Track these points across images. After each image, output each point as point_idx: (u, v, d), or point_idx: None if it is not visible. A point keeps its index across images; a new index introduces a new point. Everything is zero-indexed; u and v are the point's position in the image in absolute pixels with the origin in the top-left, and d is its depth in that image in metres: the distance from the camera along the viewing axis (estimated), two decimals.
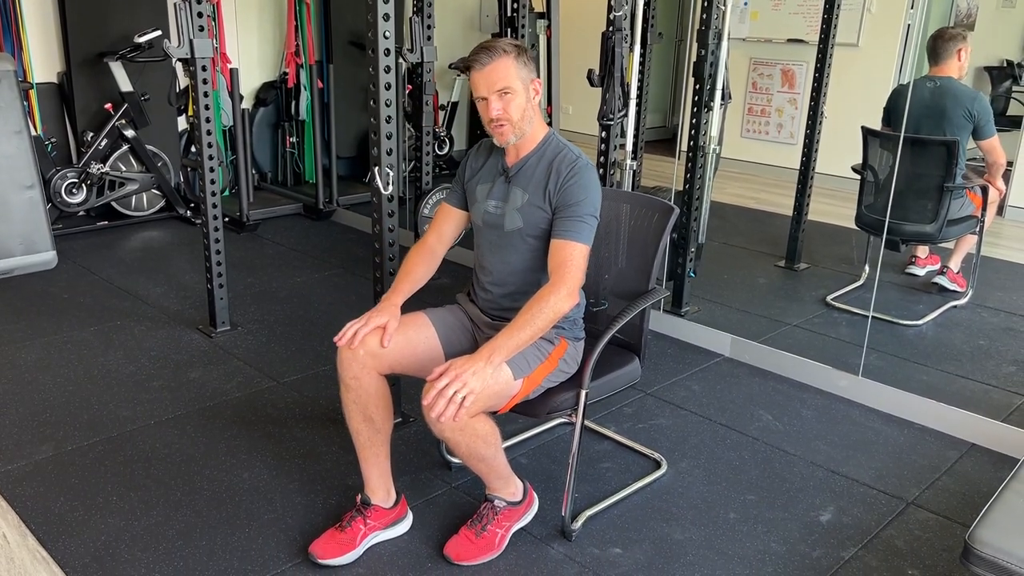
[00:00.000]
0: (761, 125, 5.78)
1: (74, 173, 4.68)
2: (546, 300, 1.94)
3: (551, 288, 1.96)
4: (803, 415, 2.95)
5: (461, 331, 2.24)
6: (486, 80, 2.01)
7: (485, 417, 1.98)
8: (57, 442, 2.64)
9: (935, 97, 3.59)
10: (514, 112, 2.03)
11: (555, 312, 1.94)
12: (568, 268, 1.98)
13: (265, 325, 3.59)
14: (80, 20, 4.72)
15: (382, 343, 2.06)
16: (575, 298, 1.99)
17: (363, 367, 2.06)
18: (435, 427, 1.89)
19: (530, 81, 2.06)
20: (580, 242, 2.01)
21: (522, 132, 2.08)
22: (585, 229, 2.02)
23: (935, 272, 4.06)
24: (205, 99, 3.28)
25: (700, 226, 3.69)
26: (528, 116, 2.07)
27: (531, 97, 2.07)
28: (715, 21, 3.37)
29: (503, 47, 2.01)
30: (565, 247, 2.00)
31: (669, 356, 3.40)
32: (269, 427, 2.77)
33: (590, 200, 2.04)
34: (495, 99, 2.02)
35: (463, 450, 1.98)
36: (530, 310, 1.93)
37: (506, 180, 2.14)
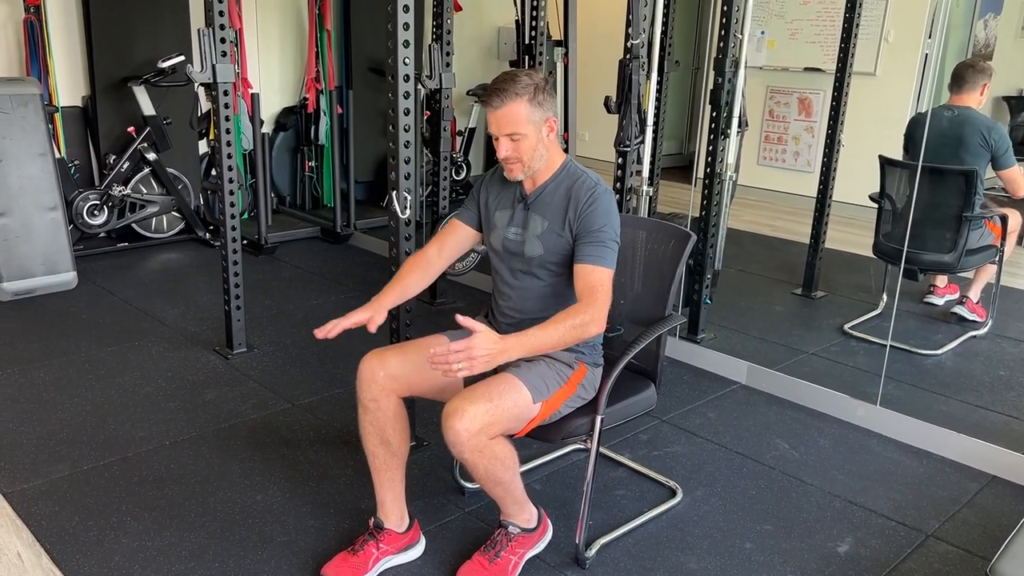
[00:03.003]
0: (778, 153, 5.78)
1: (96, 195, 4.74)
2: (577, 316, 1.92)
3: (583, 309, 1.95)
4: (820, 444, 2.92)
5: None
6: (497, 122, 2.02)
7: (504, 440, 1.97)
8: (73, 461, 2.65)
9: (953, 125, 3.58)
10: (524, 153, 2.04)
11: (583, 332, 1.93)
12: (598, 293, 1.97)
13: (281, 347, 3.61)
14: (105, 46, 4.81)
15: (369, 329, 2.09)
16: (603, 324, 1.97)
17: (382, 389, 2.06)
18: (454, 448, 1.89)
19: (544, 121, 2.04)
20: (606, 267, 2.01)
21: (532, 169, 2.08)
22: (609, 254, 2.02)
23: (954, 302, 4.03)
24: (226, 123, 3.32)
25: (716, 253, 3.68)
26: (539, 154, 2.06)
27: (544, 136, 2.06)
28: (732, 49, 3.39)
29: (517, 89, 1.99)
30: (593, 272, 2.00)
31: (685, 383, 3.38)
32: (283, 449, 2.77)
33: (611, 225, 2.04)
34: (505, 140, 2.03)
35: (480, 472, 1.97)
36: (560, 321, 1.91)
37: (525, 207, 2.14)
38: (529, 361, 2.08)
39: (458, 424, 1.86)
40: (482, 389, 1.94)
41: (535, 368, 2.05)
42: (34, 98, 4.16)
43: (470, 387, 1.97)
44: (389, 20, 2.46)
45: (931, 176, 3.59)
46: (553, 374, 2.05)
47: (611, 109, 3.19)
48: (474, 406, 1.88)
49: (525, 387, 1.97)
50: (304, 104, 5.72)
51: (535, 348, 1.90)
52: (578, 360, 2.12)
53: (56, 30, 4.76)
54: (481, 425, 1.88)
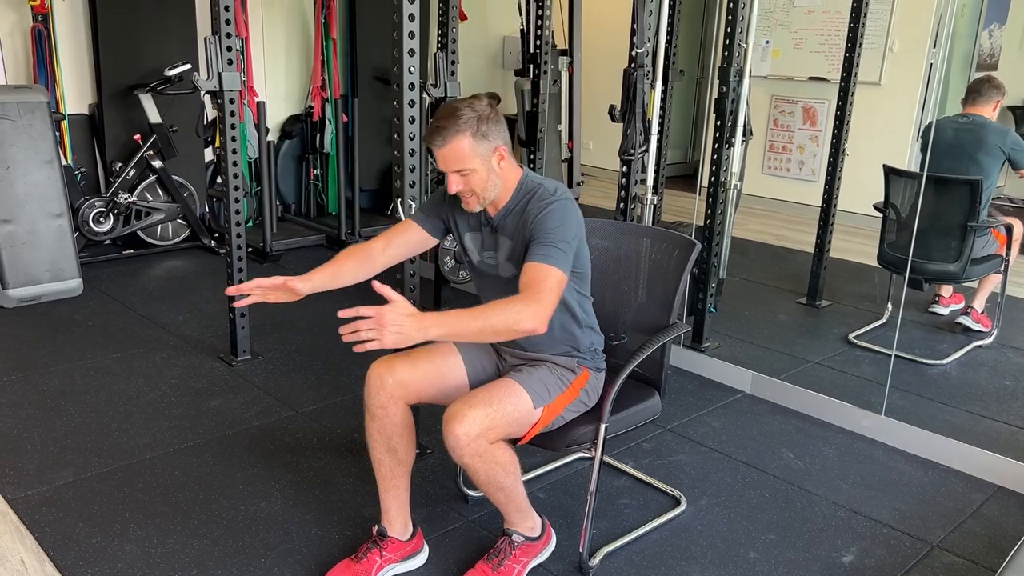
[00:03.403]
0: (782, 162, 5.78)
1: (102, 202, 4.76)
2: (512, 307, 1.81)
3: (521, 299, 1.83)
4: (825, 454, 2.91)
5: (486, 357, 2.22)
6: (443, 160, 1.96)
7: (505, 445, 1.97)
8: (77, 468, 2.65)
9: (970, 130, 3.65)
10: (476, 186, 1.98)
11: (515, 324, 1.80)
12: (540, 289, 1.84)
13: (285, 354, 3.61)
14: (112, 54, 4.84)
15: (280, 294, 2.07)
16: (542, 324, 1.83)
17: (391, 397, 2.05)
18: (454, 453, 1.89)
19: (492, 152, 1.96)
20: (554, 266, 1.88)
21: (487, 199, 2.02)
22: (557, 254, 1.90)
23: (959, 311, 4.02)
24: (232, 131, 3.34)
25: (721, 262, 3.68)
26: (493, 184, 2.00)
27: (495, 166, 1.98)
28: (736, 59, 3.39)
29: (457, 126, 1.92)
30: (537, 268, 1.88)
31: (689, 392, 3.37)
32: (287, 456, 2.77)
33: (564, 228, 1.93)
34: (454, 177, 1.97)
35: (481, 478, 1.96)
36: (489, 309, 1.81)
37: (492, 231, 2.09)
38: (531, 366, 2.08)
39: (458, 428, 1.86)
40: (482, 394, 1.94)
41: (536, 373, 2.05)
42: (41, 106, 4.19)
43: (471, 392, 1.97)
44: (394, 29, 2.47)
45: (936, 185, 3.59)
46: (555, 379, 2.05)
47: (615, 118, 3.19)
48: (474, 410, 1.88)
49: (526, 392, 1.97)
50: (309, 112, 5.74)
51: (456, 332, 1.80)
52: (580, 365, 2.12)
53: (63, 38, 4.79)
54: (481, 429, 1.88)
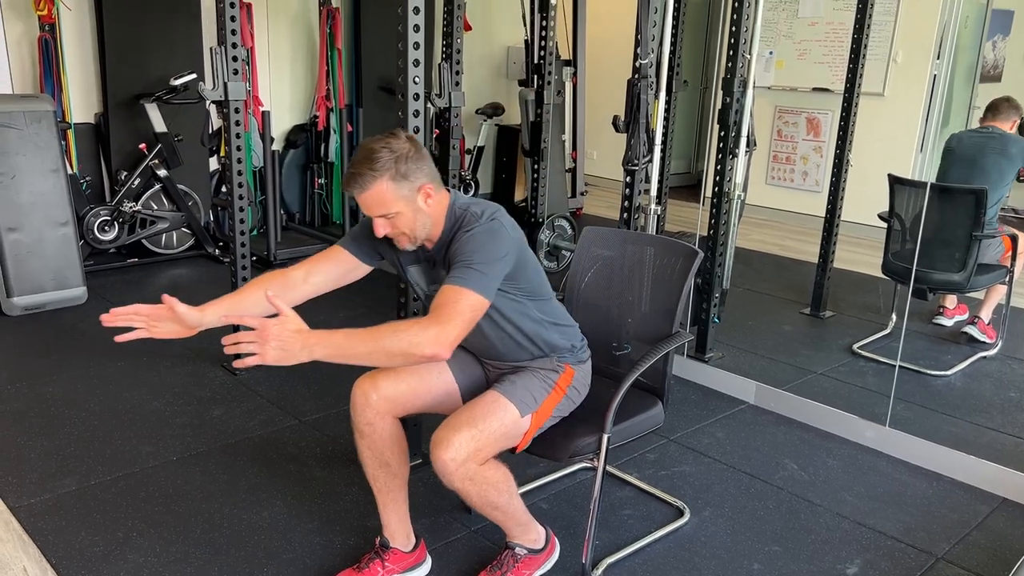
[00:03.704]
0: (786, 172, 5.79)
1: (107, 211, 4.78)
2: (410, 331, 1.70)
3: (421, 323, 1.73)
4: (829, 465, 2.90)
5: (474, 363, 2.20)
6: (364, 206, 1.88)
7: (495, 464, 1.94)
8: (80, 476, 2.65)
9: (990, 139, 3.70)
10: (404, 227, 1.90)
11: (411, 348, 1.69)
12: (448, 312, 1.73)
13: None
14: (118, 63, 4.86)
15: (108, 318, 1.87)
16: (445, 350, 1.71)
17: (377, 413, 2.02)
18: (444, 479, 1.86)
19: (416, 191, 1.88)
20: (467, 288, 1.77)
21: (420, 238, 1.94)
22: (475, 276, 1.78)
23: (964, 322, 4.02)
24: (237, 140, 3.35)
25: (725, 272, 3.68)
26: (422, 223, 1.91)
27: (422, 205, 1.89)
28: (740, 70, 3.40)
29: (374, 170, 1.82)
30: (449, 291, 1.77)
31: (693, 402, 3.37)
32: (290, 465, 2.77)
33: (486, 250, 1.83)
34: (380, 221, 1.89)
35: (475, 500, 1.94)
36: (387, 330, 1.71)
37: (432, 265, 2.04)
38: (513, 373, 2.06)
39: (444, 455, 1.83)
40: (466, 415, 1.90)
41: (520, 380, 2.02)
42: (47, 115, 4.21)
43: (455, 413, 1.93)
44: (399, 39, 2.48)
45: (940, 195, 3.60)
46: (539, 383, 2.02)
47: (619, 128, 3.20)
48: (459, 435, 1.85)
49: (511, 403, 1.94)
50: (314, 122, 5.76)
51: (344, 354, 1.70)
52: (562, 362, 2.10)
53: (70, 48, 4.81)
54: (468, 453, 1.84)
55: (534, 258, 2.04)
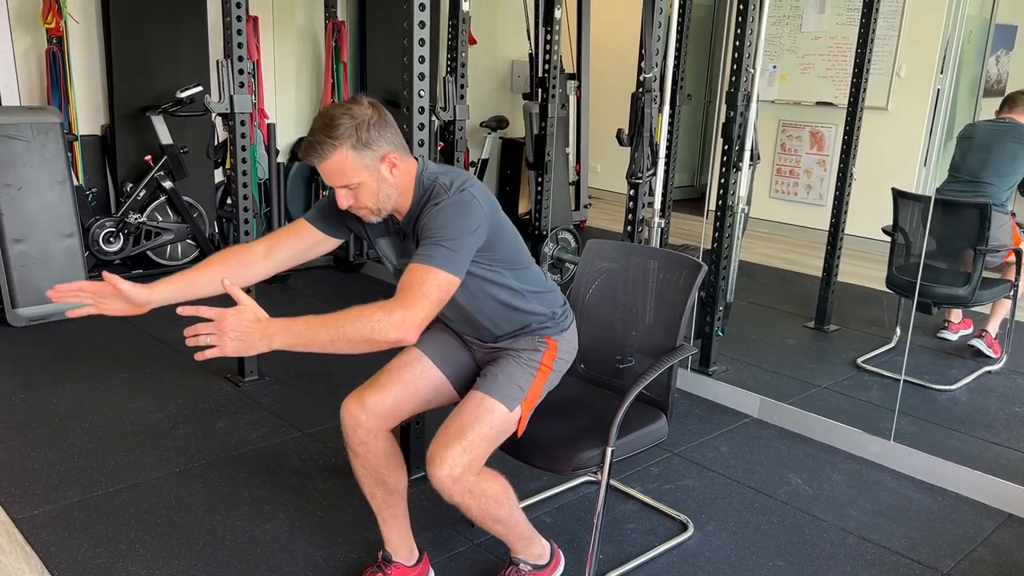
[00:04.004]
0: (790, 186, 5.79)
1: (112, 222, 4.79)
2: (371, 316, 1.62)
3: (385, 306, 1.64)
4: (833, 479, 2.89)
5: (457, 347, 2.14)
6: (326, 176, 1.79)
7: (494, 476, 1.93)
8: (83, 488, 2.65)
9: (1005, 129, 3.75)
10: (367, 200, 1.82)
11: (374, 334, 1.62)
12: (411, 292, 1.66)
13: (292, 375, 3.61)
14: (125, 76, 4.89)
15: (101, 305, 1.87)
16: (411, 334, 1.65)
17: (369, 432, 1.98)
18: (444, 495, 1.85)
19: (379, 160, 1.79)
20: (435, 267, 1.69)
21: (386, 210, 1.86)
22: (443, 254, 1.71)
23: (968, 336, 4.01)
24: (243, 153, 3.36)
25: (728, 285, 3.68)
26: (387, 193, 1.83)
27: (387, 175, 1.81)
28: (744, 84, 3.41)
29: (334, 139, 1.74)
30: (416, 270, 1.70)
31: (696, 416, 3.36)
32: (293, 478, 2.77)
33: (455, 225, 1.75)
34: (343, 192, 1.81)
35: (476, 514, 1.92)
36: (349, 316, 1.63)
37: (402, 237, 1.96)
38: (494, 364, 2.01)
39: (439, 472, 1.81)
40: (455, 426, 1.88)
41: (502, 371, 1.98)
42: (54, 127, 4.23)
43: (443, 427, 1.90)
44: (405, 53, 2.49)
45: (944, 209, 3.60)
46: (522, 369, 1.98)
47: (623, 142, 3.21)
48: (451, 450, 1.82)
49: (497, 401, 1.91)
50: None
51: (305, 342, 1.63)
52: (543, 337, 2.04)
53: (77, 60, 4.85)
54: (464, 467, 1.83)
55: (511, 226, 1.95)
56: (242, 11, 3.20)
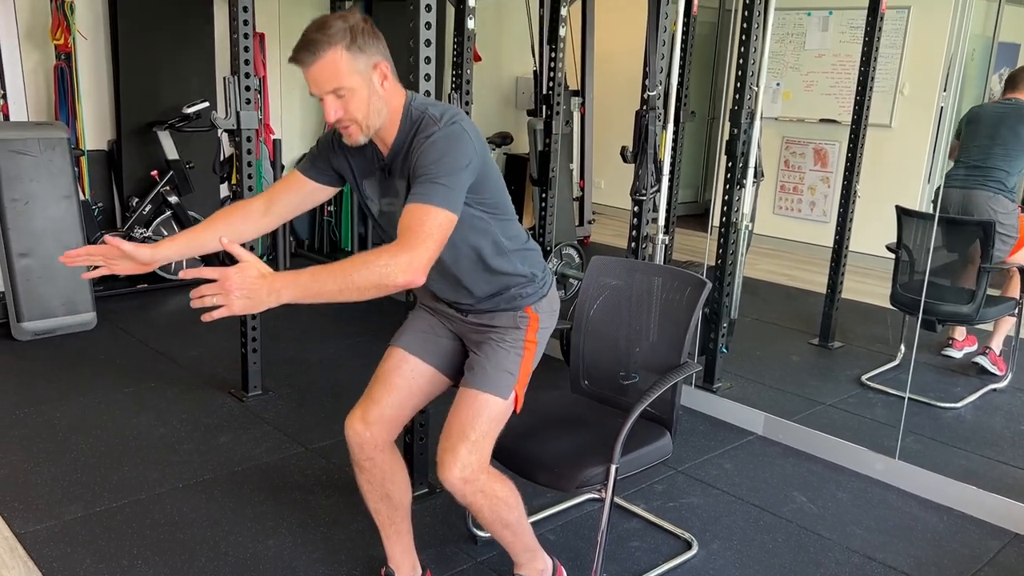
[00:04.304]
0: (794, 202, 5.80)
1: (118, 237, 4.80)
2: (377, 260, 1.60)
3: (390, 250, 1.62)
4: (838, 498, 2.87)
5: (437, 333, 2.08)
6: (315, 80, 1.71)
7: (503, 479, 1.96)
8: (86, 503, 2.65)
9: (1010, 110, 3.75)
10: (357, 111, 1.74)
11: (383, 279, 1.59)
12: (416, 234, 1.63)
13: (296, 390, 3.61)
14: (132, 91, 4.92)
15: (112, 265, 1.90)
16: (418, 275, 1.62)
17: (376, 446, 2.00)
18: (456, 495, 1.87)
19: (372, 68, 1.73)
20: (434, 205, 1.65)
21: (373, 128, 1.78)
22: (441, 192, 1.66)
23: (973, 354, 4.00)
24: (249, 168, 3.38)
25: (733, 302, 3.68)
26: (376, 107, 1.76)
27: (377, 86, 1.75)
28: (748, 101, 3.42)
29: (327, 37, 1.67)
30: (415, 210, 1.65)
31: (701, 433, 3.35)
32: (296, 494, 2.76)
33: (449, 159, 1.70)
34: (331, 99, 1.72)
35: (486, 515, 1.94)
36: (355, 263, 1.61)
37: (387, 174, 1.88)
38: (479, 351, 1.98)
39: (451, 475, 1.84)
40: (456, 427, 1.89)
41: (489, 359, 1.94)
42: (61, 142, 4.25)
43: (445, 430, 1.91)
44: (410, 70, 2.51)
45: (948, 227, 3.60)
46: (507, 352, 1.94)
47: (627, 159, 3.22)
48: (457, 453, 1.85)
49: (491, 396, 1.91)
50: None
51: (313, 293, 1.60)
52: (523, 307, 1.98)
53: (85, 76, 4.88)
54: (473, 466, 1.86)
55: (496, 169, 1.92)
56: (249, 28, 3.22)
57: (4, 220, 4.06)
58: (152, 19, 4.89)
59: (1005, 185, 3.68)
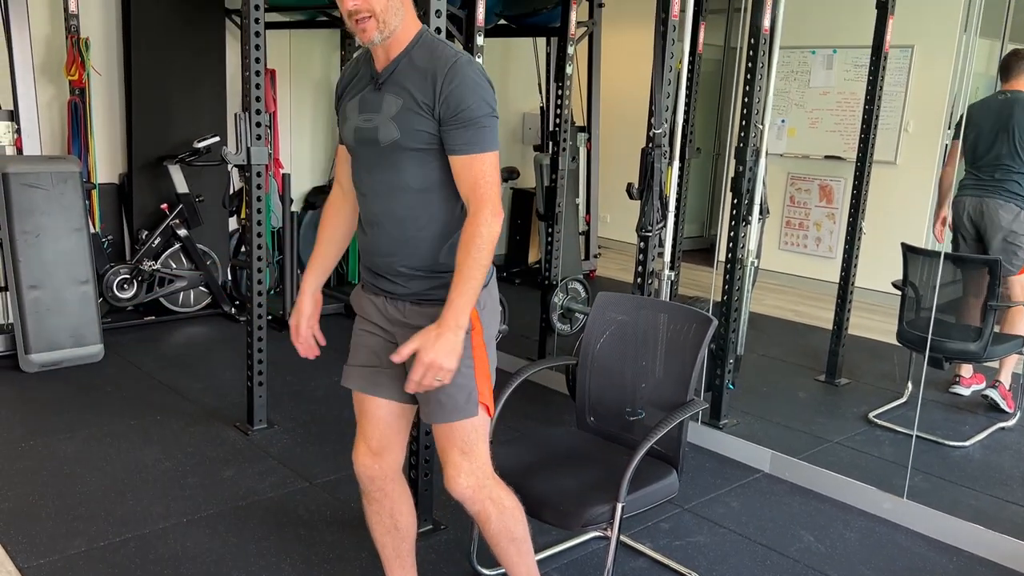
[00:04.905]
0: (799, 238, 5.82)
1: (127, 269, 4.84)
2: (478, 233, 1.74)
3: (474, 218, 1.76)
4: (846, 537, 2.85)
5: (383, 353, 1.95)
6: None
7: (509, 492, 1.97)
8: (90, 537, 2.64)
9: (1006, 105, 3.75)
10: (375, 3, 1.72)
11: (492, 239, 1.75)
12: (482, 186, 1.76)
13: (301, 424, 3.61)
14: (144, 126, 4.99)
15: (304, 352, 2.13)
16: (501, 213, 1.78)
17: (386, 476, 2.03)
18: (468, 502, 1.91)
19: None
20: (485, 151, 1.77)
21: (389, 28, 1.76)
22: (486, 134, 1.77)
23: (980, 391, 3.98)
24: (258, 203, 3.41)
25: (739, 338, 3.68)
26: (394, 7, 1.76)
27: None
28: (752, 139, 3.45)
29: None
30: (472, 164, 1.76)
31: (707, 470, 3.33)
32: (300, 529, 2.75)
33: (481, 99, 1.76)
34: None
35: (494, 524, 1.95)
36: (468, 253, 1.74)
37: (376, 88, 1.84)
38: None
39: (458, 486, 1.90)
40: (448, 456, 1.91)
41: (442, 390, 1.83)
42: (73, 175, 4.30)
43: (443, 452, 1.92)
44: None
45: (955, 264, 3.60)
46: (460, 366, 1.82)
47: (633, 195, 3.24)
48: (460, 469, 1.90)
49: (459, 421, 1.88)
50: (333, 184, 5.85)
51: (470, 301, 1.75)
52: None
53: (98, 111, 4.95)
54: (478, 473, 1.91)
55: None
56: (261, 65, 3.27)
57: (15, 252, 4.09)
58: (165, 55, 4.97)
59: (1018, 190, 3.70)
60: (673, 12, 3.13)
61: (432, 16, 2.40)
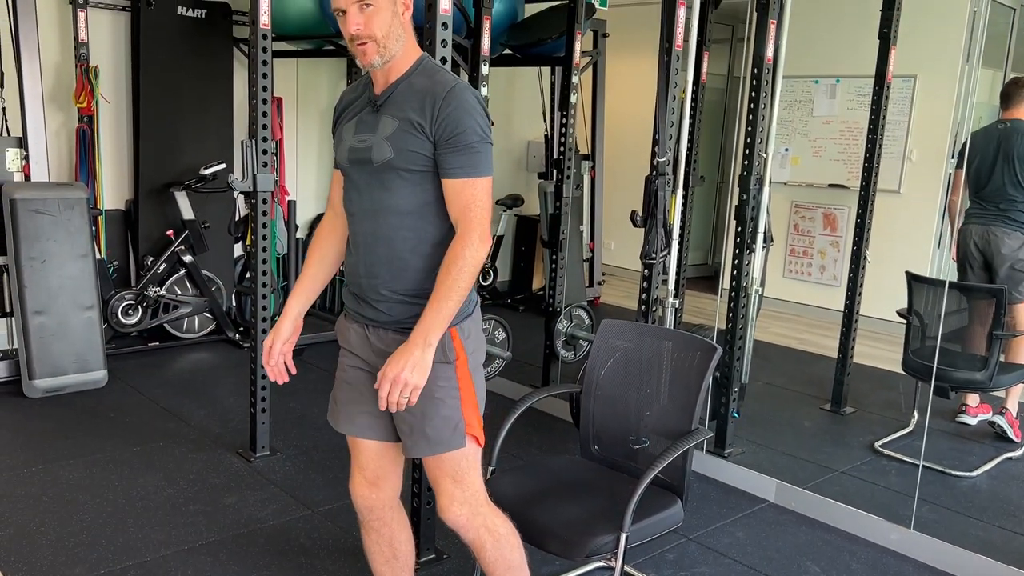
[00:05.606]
0: (803, 266, 5.81)
1: (132, 295, 4.85)
2: (461, 255, 1.76)
3: (460, 240, 1.78)
4: (853, 568, 2.81)
5: (366, 391, 1.94)
6: None
7: (504, 518, 1.97)
8: (90, 565, 2.62)
9: (1006, 135, 3.77)
10: (377, 28, 1.75)
11: (475, 264, 1.76)
12: (472, 210, 1.78)
13: (303, 451, 3.59)
14: (151, 153, 5.02)
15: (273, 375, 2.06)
16: (488, 239, 1.79)
17: (385, 506, 2.03)
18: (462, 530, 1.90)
19: None
20: (478, 176, 1.79)
21: (388, 53, 1.79)
22: (478, 159, 1.79)
23: (986, 421, 3.95)
24: (263, 230, 3.43)
25: (743, 366, 3.67)
26: (395, 34, 1.79)
27: (399, 12, 1.79)
28: (756, 167, 3.47)
29: None
30: (464, 188, 1.79)
31: (712, 500, 3.30)
32: (301, 558, 2.73)
33: (476, 123, 1.78)
34: (354, 12, 1.74)
35: (489, 552, 1.93)
36: (448, 273, 1.75)
37: (374, 110, 1.86)
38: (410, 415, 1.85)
39: (454, 518, 1.90)
40: (441, 487, 1.92)
41: (427, 423, 1.84)
42: (80, 202, 4.33)
43: (435, 483, 1.93)
44: None
45: (960, 293, 3.60)
46: (442, 404, 1.85)
47: (637, 223, 3.25)
48: (453, 499, 1.90)
49: (447, 454, 1.88)
50: None
51: (444, 321, 1.76)
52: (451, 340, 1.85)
53: (106, 138, 4.99)
54: (471, 501, 1.90)
55: None
56: (268, 93, 3.30)
57: (21, 278, 4.11)
58: (173, 83, 5.02)
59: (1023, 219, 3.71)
60: (677, 42, 3.16)
61: (438, 46, 2.42)
